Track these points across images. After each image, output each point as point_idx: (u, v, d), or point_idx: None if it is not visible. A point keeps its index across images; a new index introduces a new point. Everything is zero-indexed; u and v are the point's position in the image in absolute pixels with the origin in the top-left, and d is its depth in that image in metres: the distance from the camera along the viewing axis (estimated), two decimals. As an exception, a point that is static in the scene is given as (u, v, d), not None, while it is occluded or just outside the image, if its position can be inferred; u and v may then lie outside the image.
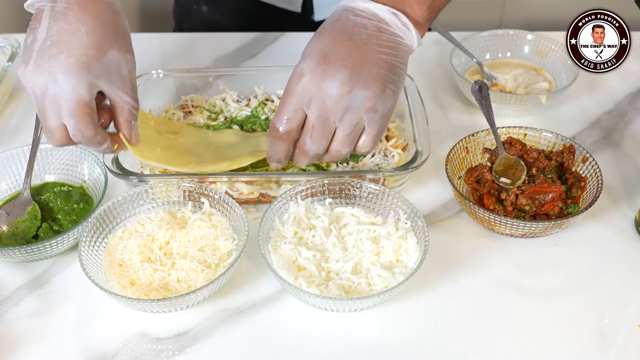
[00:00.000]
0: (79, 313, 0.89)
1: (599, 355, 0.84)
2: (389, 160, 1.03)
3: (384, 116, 0.88)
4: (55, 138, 0.87)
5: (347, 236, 0.90)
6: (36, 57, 0.84)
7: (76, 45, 0.84)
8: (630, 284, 0.91)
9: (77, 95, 0.84)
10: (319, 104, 0.86)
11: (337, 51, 0.85)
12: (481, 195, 0.98)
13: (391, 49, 0.87)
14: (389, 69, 0.87)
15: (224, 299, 0.90)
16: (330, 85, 0.85)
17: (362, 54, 0.85)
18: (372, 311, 0.87)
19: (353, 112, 0.86)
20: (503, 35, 1.27)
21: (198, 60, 1.30)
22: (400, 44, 0.88)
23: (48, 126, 0.86)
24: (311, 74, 0.86)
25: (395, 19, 0.87)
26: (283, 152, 0.91)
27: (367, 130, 0.89)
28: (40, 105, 0.85)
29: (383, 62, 0.86)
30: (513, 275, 0.93)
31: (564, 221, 0.91)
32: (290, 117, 0.88)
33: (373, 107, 0.86)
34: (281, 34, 1.37)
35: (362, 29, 0.86)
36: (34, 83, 0.84)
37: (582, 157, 1.00)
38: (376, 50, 0.86)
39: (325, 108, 0.86)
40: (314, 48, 0.87)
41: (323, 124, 0.87)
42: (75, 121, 0.84)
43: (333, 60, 0.85)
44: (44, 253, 0.92)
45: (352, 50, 0.85)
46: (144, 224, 0.93)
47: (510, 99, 1.13)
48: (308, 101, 0.86)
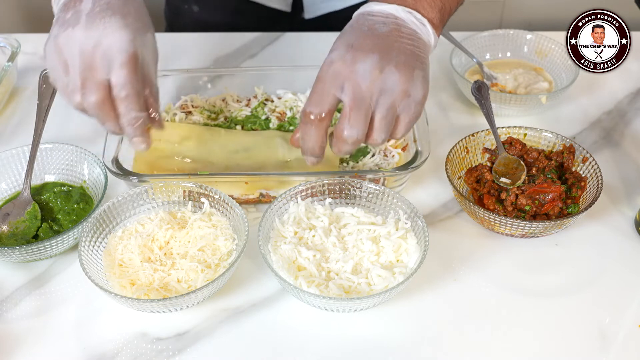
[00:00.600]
0: (79, 313, 0.89)
1: (599, 355, 0.84)
2: (389, 160, 1.03)
3: (417, 102, 0.86)
4: (96, 94, 0.84)
5: (347, 236, 0.90)
6: (87, 18, 0.85)
7: (126, 13, 0.86)
8: (630, 284, 0.91)
9: (133, 48, 0.84)
10: (352, 86, 0.84)
11: (363, 42, 0.85)
12: (481, 195, 0.98)
13: (412, 41, 0.87)
14: (415, 57, 0.87)
15: (224, 299, 0.90)
16: (363, 67, 0.84)
17: (387, 44, 0.85)
18: (372, 311, 0.87)
19: (387, 95, 0.84)
20: (503, 35, 1.27)
21: (198, 60, 1.30)
22: (420, 38, 0.89)
23: (95, 79, 0.84)
24: (341, 60, 0.85)
25: (410, 17, 0.88)
26: (317, 140, 0.87)
27: (401, 116, 0.87)
28: (88, 60, 0.84)
29: (408, 50, 0.86)
30: (513, 275, 0.93)
31: (564, 221, 0.91)
32: (323, 101, 0.85)
33: (406, 91, 0.85)
34: (281, 34, 1.37)
35: (381, 25, 0.87)
36: (85, 38, 0.84)
37: (582, 157, 1.00)
38: (399, 41, 0.86)
39: (360, 89, 0.83)
40: (339, 43, 0.87)
41: (360, 105, 0.84)
42: (128, 72, 0.84)
43: (360, 48, 0.85)
44: (44, 253, 0.92)
45: (377, 41, 0.85)
46: (144, 224, 0.93)
47: (510, 99, 1.13)
48: (341, 85, 0.84)
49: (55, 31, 0.86)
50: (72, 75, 0.85)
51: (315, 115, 0.84)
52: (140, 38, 0.86)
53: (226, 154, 1.03)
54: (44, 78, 1.06)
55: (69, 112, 1.18)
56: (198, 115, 1.12)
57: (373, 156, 1.03)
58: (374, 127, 0.85)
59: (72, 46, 0.84)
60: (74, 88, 0.85)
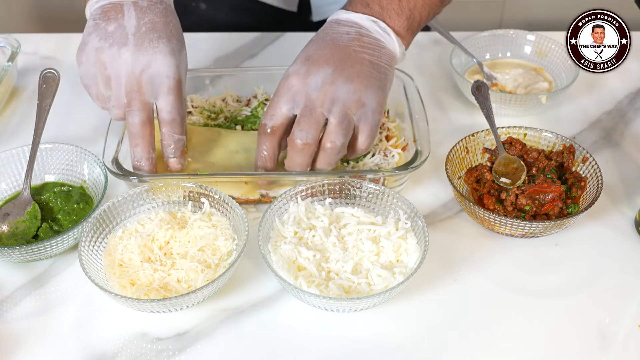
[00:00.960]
0: (79, 313, 0.89)
1: (599, 355, 0.84)
2: (389, 160, 1.03)
3: (374, 111, 0.91)
4: (142, 114, 0.91)
5: (347, 236, 0.90)
6: (135, 40, 0.90)
7: (170, 35, 0.91)
8: (630, 284, 0.91)
9: (179, 75, 0.91)
10: (304, 97, 0.89)
11: (320, 53, 0.91)
12: (481, 195, 0.98)
13: (373, 50, 0.92)
14: (372, 67, 0.91)
15: (224, 299, 0.90)
16: (314, 80, 0.89)
17: (345, 54, 0.90)
18: (372, 311, 0.87)
19: (340, 103, 0.89)
20: (503, 35, 1.27)
21: (198, 60, 1.30)
22: (383, 47, 0.93)
23: (142, 101, 0.91)
24: (296, 74, 0.90)
25: (374, 26, 0.92)
26: (270, 149, 0.93)
27: (360, 127, 0.92)
28: (136, 82, 0.90)
29: (366, 60, 0.90)
30: (513, 275, 0.93)
31: (564, 221, 0.91)
32: (276, 114, 0.91)
33: (360, 100, 0.89)
34: (281, 34, 1.37)
35: (344, 35, 0.92)
36: (133, 61, 0.89)
37: (582, 157, 1.00)
38: (358, 51, 0.91)
39: (310, 99, 0.89)
40: (299, 55, 0.93)
41: (310, 112, 0.89)
42: (174, 97, 0.91)
43: (316, 60, 0.90)
44: (44, 253, 0.92)
45: (335, 51, 0.90)
46: (144, 224, 0.93)
47: (510, 99, 1.13)
48: (293, 98, 0.90)
49: (97, 43, 0.91)
50: (115, 91, 0.91)
51: (269, 127, 0.91)
52: (181, 61, 0.93)
53: (226, 154, 1.04)
54: (44, 78, 1.06)
55: (69, 112, 1.19)
56: (198, 115, 1.12)
57: (373, 156, 1.03)
58: (330, 131, 0.90)
59: (119, 65, 0.90)
60: (117, 104, 0.92)
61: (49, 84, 1.05)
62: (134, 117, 0.91)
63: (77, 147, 1.02)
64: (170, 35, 0.92)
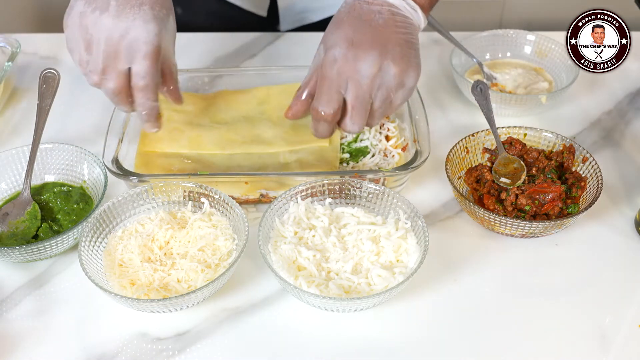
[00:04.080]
0: (79, 313, 0.89)
1: (599, 355, 0.84)
2: (389, 160, 1.03)
3: (411, 89, 0.94)
4: (116, 82, 0.91)
5: (347, 236, 0.90)
6: (117, 5, 0.90)
7: (154, 2, 0.92)
8: (630, 284, 0.91)
9: (157, 41, 0.90)
10: (355, 85, 0.90)
11: (362, 37, 0.91)
12: (481, 195, 0.98)
13: (406, 29, 0.93)
14: (409, 45, 0.93)
15: (224, 299, 0.90)
16: (364, 66, 0.90)
17: (384, 37, 0.91)
18: (372, 311, 0.87)
19: (384, 88, 0.91)
20: (503, 35, 1.27)
21: (198, 60, 1.30)
22: (412, 24, 0.95)
23: (116, 68, 0.90)
24: (344, 58, 0.90)
25: (403, 3, 0.94)
26: (327, 132, 0.94)
27: (394, 101, 0.94)
28: (113, 48, 0.90)
29: (403, 40, 0.92)
30: (513, 275, 0.93)
31: (564, 221, 0.91)
32: (331, 99, 0.91)
33: (402, 82, 0.92)
34: (281, 34, 1.37)
35: (377, 15, 0.93)
36: (113, 27, 0.89)
37: (582, 157, 1.00)
38: (394, 32, 0.92)
39: (361, 89, 0.90)
40: (339, 37, 0.92)
41: (361, 103, 0.91)
42: (149, 63, 0.90)
43: (361, 45, 0.91)
44: (44, 253, 0.92)
45: (375, 34, 0.91)
46: (144, 224, 0.93)
47: (510, 99, 1.13)
48: (345, 83, 0.91)
49: (82, 7, 0.91)
50: (94, 56, 0.91)
51: (326, 114, 0.91)
52: (164, 27, 0.92)
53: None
54: (44, 78, 1.06)
55: (69, 112, 1.19)
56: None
57: (373, 156, 1.03)
58: (371, 116, 0.93)
59: (99, 30, 0.90)
60: (94, 69, 0.91)
61: (49, 84, 1.05)
62: (109, 83, 0.91)
63: (77, 147, 1.02)
64: (154, 2, 0.91)
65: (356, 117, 0.91)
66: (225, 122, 1.09)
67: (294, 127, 1.06)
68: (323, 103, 0.91)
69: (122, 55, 0.90)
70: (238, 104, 1.12)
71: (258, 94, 1.13)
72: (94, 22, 0.90)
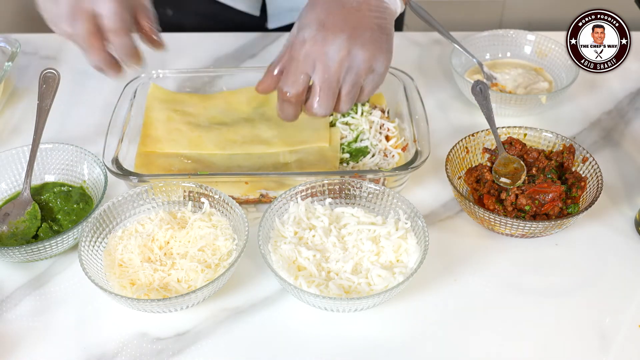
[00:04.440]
0: (79, 313, 0.89)
1: (599, 355, 0.84)
2: (389, 160, 1.03)
3: (381, 74, 0.94)
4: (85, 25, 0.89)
5: (347, 236, 0.90)
6: None
7: None
8: (630, 284, 0.91)
9: None
10: (322, 67, 0.91)
11: (334, 19, 0.91)
12: (481, 195, 0.98)
13: (380, 13, 0.94)
14: (381, 30, 0.93)
15: (224, 299, 0.90)
16: (332, 49, 0.90)
17: (356, 19, 0.92)
18: (372, 311, 0.87)
19: (353, 72, 0.91)
20: (503, 35, 1.27)
21: (198, 60, 1.30)
22: (387, 8, 0.95)
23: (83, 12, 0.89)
24: (312, 40, 0.91)
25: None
26: (292, 113, 0.95)
27: (365, 87, 0.95)
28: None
29: (375, 25, 0.92)
30: (513, 275, 0.93)
31: (564, 221, 0.91)
32: (297, 80, 0.92)
33: (371, 67, 0.92)
34: (281, 34, 1.37)
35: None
36: None
37: (582, 157, 1.00)
38: (367, 15, 0.92)
39: (329, 71, 0.91)
40: (311, 18, 0.93)
41: (329, 86, 0.91)
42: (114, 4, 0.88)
43: (331, 27, 0.91)
44: (44, 253, 0.92)
45: (347, 16, 0.92)
46: (144, 224, 0.93)
47: (510, 99, 1.13)
48: (312, 65, 0.91)
49: None
50: (62, 5, 0.90)
51: (291, 95, 0.92)
52: None
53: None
54: (44, 78, 1.06)
55: (69, 112, 1.19)
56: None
57: (373, 156, 1.03)
58: (340, 100, 0.94)
59: None
60: (62, 18, 0.90)
61: (49, 84, 1.05)
62: (78, 26, 0.90)
63: (77, 147, 1.02)
64: None
65: (323, 99, 0.92)
66: (225, 122, 1.09)
67: (294, 127, 1.06)
68: (288, 84, 0.92)
69: None
70: (238, 104, 1.12)
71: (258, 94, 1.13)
72: None
